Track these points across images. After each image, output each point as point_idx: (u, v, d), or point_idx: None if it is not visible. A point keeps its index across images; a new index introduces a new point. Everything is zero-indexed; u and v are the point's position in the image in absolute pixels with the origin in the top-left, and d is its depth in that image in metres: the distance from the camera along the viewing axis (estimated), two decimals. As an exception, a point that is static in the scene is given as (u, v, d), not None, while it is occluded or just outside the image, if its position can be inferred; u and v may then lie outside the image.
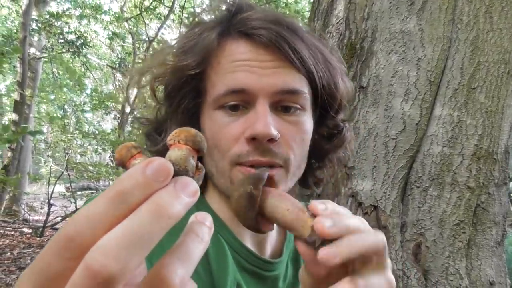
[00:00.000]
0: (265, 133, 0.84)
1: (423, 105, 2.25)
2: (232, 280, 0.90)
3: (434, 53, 2.28)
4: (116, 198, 0.36)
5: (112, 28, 16.50)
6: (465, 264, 2.14)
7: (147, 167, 0.37)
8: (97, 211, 0.35)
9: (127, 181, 0.36)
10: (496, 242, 2.24)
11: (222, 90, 0.89)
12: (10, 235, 9.04)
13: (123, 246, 0.33)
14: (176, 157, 0.42)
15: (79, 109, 17.41)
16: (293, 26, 0.94)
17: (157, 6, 15.37)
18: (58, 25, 13.23)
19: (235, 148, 0.88)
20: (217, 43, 0.94)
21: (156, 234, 0.35)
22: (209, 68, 0.94)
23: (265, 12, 0.97)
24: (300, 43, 0.91)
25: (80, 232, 0.35)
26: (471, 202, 2.17)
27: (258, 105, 0.88)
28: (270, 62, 0.89)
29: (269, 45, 0.89)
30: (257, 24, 0.91)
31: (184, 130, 0.45)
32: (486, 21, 2.28)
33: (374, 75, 2.34)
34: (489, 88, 2.22)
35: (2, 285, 5.80)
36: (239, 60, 0.90)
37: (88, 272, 0.32)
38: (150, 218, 0.35)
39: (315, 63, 0.94)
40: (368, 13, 2.47)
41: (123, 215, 0.35)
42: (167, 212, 0.36)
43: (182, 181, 0.39)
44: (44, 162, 23.22)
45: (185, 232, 0.42)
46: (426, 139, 2.25)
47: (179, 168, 0.41)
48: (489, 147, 2.19)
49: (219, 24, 0.97)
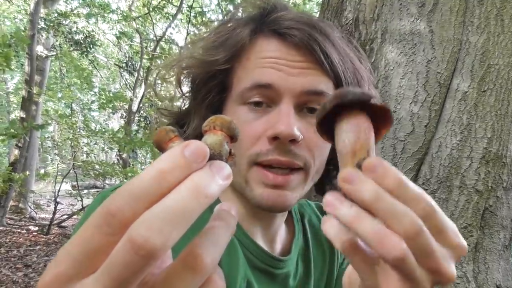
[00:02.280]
0: (287, 133, 0.83)
1: (432, 107, 2.24)
2: (242, 276, 0.91)
3: (444, 55, 2.27)
4: (157, 176, 0.37)
5: (120, 27, 16.56)
6: (472, 268, 2.13)
7: (186, 149, 0.39)
8: (138, 188, 0.37)
9: (168, 161, 0.38)
10: (503, 246, 2.23)
11: (249, 84, 0.89)
12: (16, 232, 9.09)
13: (165, 221, 0.35)
14: (212, 142, 0.44)
15: (86, 108, 17.48)
16: (326, 30, 0.93)
17: (165, 6, 15.42)
18: (66, 24, 13.29)
19: (256, 147, 0.88)
20: (248, 39, 0.94)
21: (194, 211, 0.37)
22: (238, 63, 0.95)
23: (299, 14, 0.97)
24: (331, 47, 0.91)
25: (122, 208, 0.36)
26: (479, 205, 2.16)
27: (282, 104, 0.87)
28: (299, 63, 0.89)
29: (300, 46, 0.89)
30: (290, 24, 0.91)
31: (219, 117, 0.47)
32: (497, 24, 2.27)
33: (383, 77, 2.34)
34: (499, 91, 2.21)
35: (9, 282, 5.83)
36: (269, 58, 0.90)
37: (132, 245, 0.34)
38: (189, 195, 0.37)
39: (344, 69, 0.93)
40: (377, 14, 2.47)
41: (163, 193, 0.37)
42: (204, 191, 0.38)
43: (217, 164, 0.41)
44: (51, 160, 23.36)
45: (213, 219, 0.44)
46: (435, 141, 2.24)
47: (214, 152, 0.43)
48: (498, 150, 2.18)
49: (252, 21, 0.97)
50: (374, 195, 0.48)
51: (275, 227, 1.04)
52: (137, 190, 0.37)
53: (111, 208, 0.36)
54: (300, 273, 1.07)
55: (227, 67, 0.94)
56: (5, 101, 23.85)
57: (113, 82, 23.38)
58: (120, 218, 0.36)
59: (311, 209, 1.25)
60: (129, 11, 15.68)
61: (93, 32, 15.39)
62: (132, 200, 0.36)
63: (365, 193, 0.48)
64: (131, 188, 0.37)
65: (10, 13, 17.86)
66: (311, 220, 1.20)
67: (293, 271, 1.04)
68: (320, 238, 1.17)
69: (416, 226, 0.47)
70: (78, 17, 14.23)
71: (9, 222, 9.96)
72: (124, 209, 0.36)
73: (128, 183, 0.38)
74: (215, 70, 0.94)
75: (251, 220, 1.00)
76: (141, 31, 15.95)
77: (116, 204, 0.36)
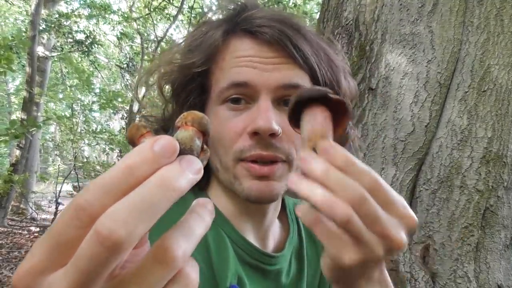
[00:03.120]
0: (266, 128, 0.85)
1: (432, 107, 2.24)
2: (233, 273, 0.91)
3: (444, 55, 2.28)
4: (125, 171, 0.37)
5: (121, 28, 16.57)
6: (474, 267, 2.13)
7: (155, 143, 0.39)
8: (107, 182, 0.37)
9: (136, 156, 0.38)
10: (504, 245, 2.23)
11: (225, 83, 0.92)
12: (17, 233, 9.09)
13: (130, 214, 0.35)
14: (182, 137, 0.44)
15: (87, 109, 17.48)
16: (297, 25, 0.96)
17: (166, 6, 15.41)
18: (67, 25, 13.29)
19: (238, 143, 0.90)
20: (222, 40, 0.96)
21: (161, 204, 0.37)
22: (214, 65, 0.97)
23: (270, 11, 1.00)
24: (302, 41, 0.93)
25: (90, 202, 0.36)
26: (480, 205, 2.16)
27: (260, 100, 0.90)
28: (273, 59, 0.92)
29: (272, 42, 0.92)
30: (261, 22, 0.93)
31: (191, 112, 0.47)
32: (497, 24, 2.27)
33: (384, 77, 2.34)
34: (499, 91, 2.21)
35: (10, 283, 5.83)
36: (243, 56, 0.92)
37: (97, 237, 0.34)
38: (157, 189, 0.37)
39: (318, 61, 0.95)
40: (378, 15, 2.47)
41: (131, 187, 0.37)
42: (172, 185, 0.37)
43: (187, 159, 0.41)
44: (52, 161, 23.36)
45: (188, 212, 0.43)
46: (435, 141, 2.24)
47: (184, 147, 0.43)
48: (498, 150, 2.18)
49: (225, 22, 1.00)
50: (324, 171, 0.57)
51: (267, 223, 1.05)
52: (106, 184, 0.37)
53: (80, 201, 0.36)
54: (294, 271, 1.07)
55: (204, 69, 0.97)
56: (6, 102, 23.86)
57: (114, 82, 23.40)
58: (89, 212, 0.36)
59: None
60: (130, 12, 15.69)
61: (94, 32, 15.39)
62: (101, 193, 0.36)
63: (316, 170, 0.57)
64: (100, 182, 0.37)
65: (11, 14, 17.88)
66: None
67: (286, 268, 1.05)
68: (314, 237, 1.18)
69: (359, 194, 0.55)
70: (79, 17, 14.24)
71: (10, 223, 9.97)
72: (93, 203, 0.36)
73: (99, 177, 0.38)
74: (193, 73, 0.97)
75: (242, 217, 1.01)
76: (142, 32, 15.96)
77: (85, 197, 0.36)
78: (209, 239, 0.93)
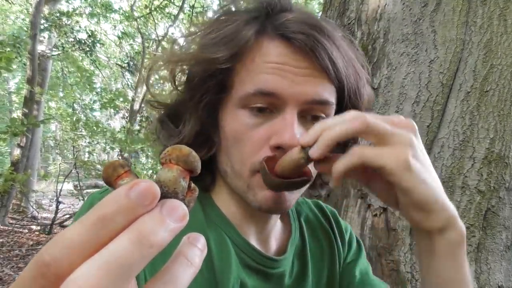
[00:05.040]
0: (292, 144, 0.81)
1: (434, 107, 2.24)
2: (235, 277, 0.90)
3: (447, 55, 2.27)
4: (96, 223, 0.34)
5: (122, 27, 16.59)
6: (474, 268, 2.13)
7: (131, 190, 0.34)
8: (75, 237, 0.33)
9: (110, 204, 0.34)
10: (505, 246, 2.22)
11: (252, 89, 0.86)
12: (18, 232, 9.11)
13: (100, 278, 0.31)
14: (165, 179, 0.39)
15: (88, 108, 17.49)
16: (331, 33, 0.91)
17: (167, 5, 15.42)
18: (68, 23, 13.30)
19: (258, 155, 0.87)
20: (254, 39, 0.90)
21: (136, 264, 0.33)
22: (240, 64, 0.90)
23: (304, 14, 0.93)
24: (336, 52, 0.89)
25: (56, 259, 0.32)
26: (481, 206, 2.15)
27: (286, 112, 0.86)
28: (305, 70, 0.87)
29: (308, 52, 0.86)
30: (296, 28, 0.87)
31: (176, 148, 0.42)
32: (500, 23, 2.26)
33: (386, 77, 2.33)
34: (502, 91, 2.20)
35: (11, 281, 5.84)
36: (274, 62, 0.87)
37: None
38: (130, 247, 0.33)
39: (347, 75, 0.91)
40: (380, 14, 2.46)
41: (103, 242, 0.33)
42: (149, 241, 0.33)
43: (169, 205, 0.37)
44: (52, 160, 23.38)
45: (175, 255, 0.39)
46: (437, 141, 2.23)
47: (167, 190, 0.39)
48: (500, 150, 2.17)
49: (256, 19, 0.93)
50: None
51: (269, 227, 1.04)
52: (75, 238, 0.33)
53: (45, 258, 0.32)
54: (296, 272, 1.06)
55: (228, 66, 0.89)
56: (7, 100, 23.87)
57: (115, 82, 23.41)
58: (55, 270, 0.32)
59: (308, 206, 1.24)
60: (131, 11, 15.70)
61: (96, 31, 15.41)
62: (68, 249, 0.33)
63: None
64: (68, 236, 0.33)
65: (12, 12, 17.88)
66: (308, 218, 1.20)
67: (288, 270, 1.03)
68: (317, 235, 1.17)
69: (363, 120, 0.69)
70: (80, 16, 14.24)
71: (11, 221, 9.99)
72: (59, 260, 0.32)
73: (67, 229, 0.34)
74: (215, 69, 0.89)
75: (246, 221, 0.99)
76: (143, 31, 15.97)
77: (51, 254, 0.33)
78: (211, 242, 0.91)
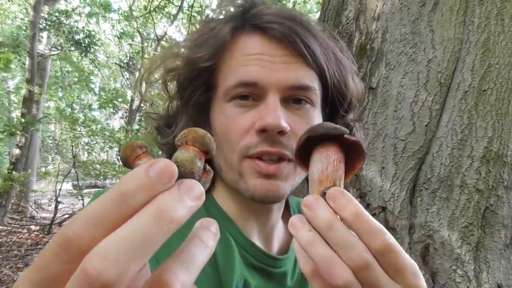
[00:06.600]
0: (275, 125, 0.84)
1: (432, 106, 2.24)
2: (238, 275, 0.90)
3: (445, 54, 2.27)
4: (118, 199, 0.35)
5: (121, 27, 16.57)
6: (473, 267, 2.13)
7: (150, 168, 0.35)
8: (97, 213, 0.34)
9: (130, 182, 0.35)
10: (504, 245, 2.23)
11: (234, 82, 0.90)
12: (17, 232, 9.10)
13: (122, 252, 0.32)
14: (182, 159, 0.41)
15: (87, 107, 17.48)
16: (307, 23, 0.95)
17: (166, 5, 15.41)
18: (67, 23, 13.28)
19: (245, 140, 0.89)
20: (230, 36, 0.95)
21: (157, 239, 0.34)
22: (222, 61, 0.95)
23: (279, 9, 0.98)
24: (312, 39, 0.92)
25: (79, 234, 0.33)
26: (480, 204, 2.16)
27: (268, 98, 0.88)
28: (282, 57, 0.90)
29: (282, 39, 0.90)
30: (270, 19, 0.92)
31: (192, 130, 0.44)
32: (497, 23, 2.27)
33: (384, 76, 2.34)
34: (499, 90, 2.21)
35: (10, 282, 5.84)
36: (252, 54, 0.91)
37: (85, 278, 0.31)
38: (152, 221, 0.34)
39: (327, 60, 0.94)
40: (378, 14, 2.47)
41: (124, 217, 0.34)
42: (169, 216, 0.34)
43: (186, 184, 0.38)
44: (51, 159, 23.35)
45: (190, 237, 0.40)
46: (436, 140, 2.24)
47: (184, 170, 0.40)
48: (498, 149, 2.18)
49: (233, 18, 0.98)
50: (327, 223, 0.51)
51: (271, 224, 1.04)
52: (97, 214, 0.34)
53: (68, 233, 0.33)
54: (298, 272, 1.06)
55: (211, 64, 0.94)
56: (6, 100, 23.85)
57: (114, 81, 23.40)
58: (77, 245, 0.33)
59: None
60: (130, 11, 15.68)
61: (94, 31, 15.39)
62: (90, 225, 0.33)
63: (320, 220, 0.52)
64: (90, 212, 0.34)
65: (11, 12, 17.86)
66: None
67: (291, 270, 1.04)
68: None
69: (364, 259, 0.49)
70: (79, 16, 14.23)
71: (10, 221, 9.98)
72: (81, 235, 0.33)
73: (89, 206, 0.35)
74: (199, 68, 0.95)
75: (246, 218, 1.00)
76: (142, 31, 15.95)
77: (73, 229, 0.33)
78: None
